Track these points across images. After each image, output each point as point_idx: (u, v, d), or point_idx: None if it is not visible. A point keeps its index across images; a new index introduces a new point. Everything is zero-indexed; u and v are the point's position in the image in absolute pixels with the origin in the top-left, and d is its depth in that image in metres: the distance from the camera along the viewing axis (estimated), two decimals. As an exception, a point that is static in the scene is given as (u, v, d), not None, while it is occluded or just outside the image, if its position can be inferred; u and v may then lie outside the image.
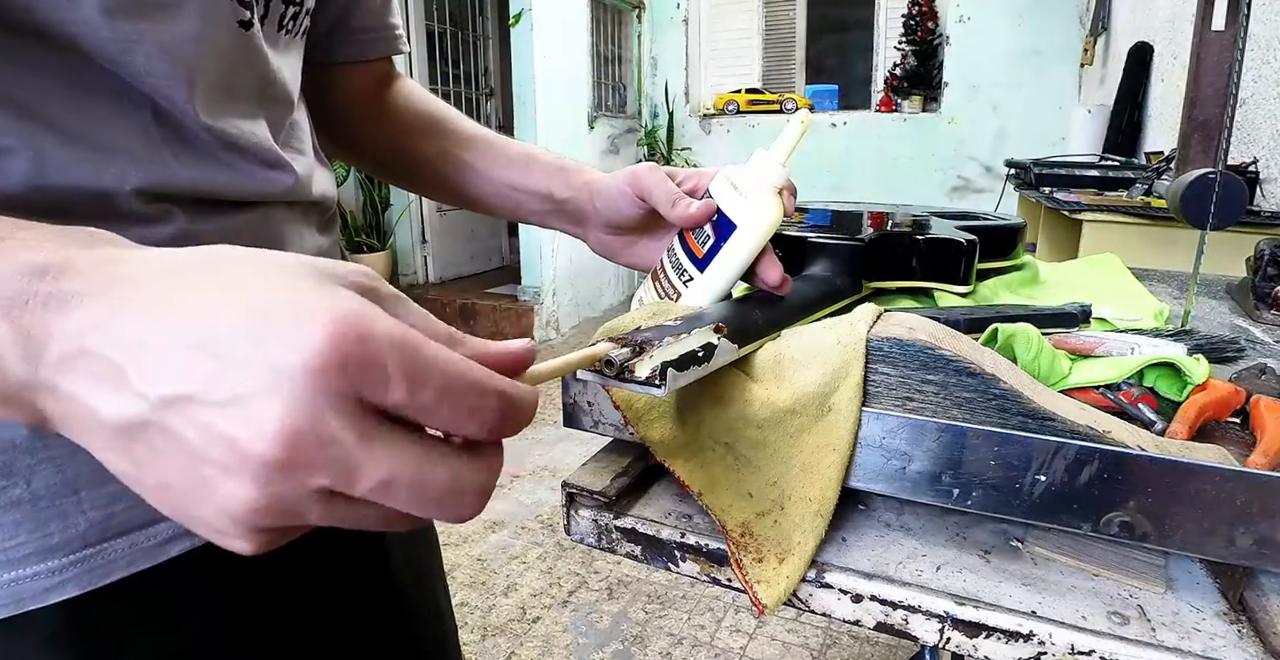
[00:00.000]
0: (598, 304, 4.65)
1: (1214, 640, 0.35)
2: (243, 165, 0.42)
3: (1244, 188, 0.83)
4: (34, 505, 0.35)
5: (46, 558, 0.35)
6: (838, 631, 1.74)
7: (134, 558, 0.37)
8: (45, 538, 0.35)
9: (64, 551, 0.35)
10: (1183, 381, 0.52)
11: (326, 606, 0.51)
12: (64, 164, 0.34)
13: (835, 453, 0.42)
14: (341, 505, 0.22)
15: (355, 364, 0.20)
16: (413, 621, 0.59)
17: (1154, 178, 1.76)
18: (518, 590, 1.90)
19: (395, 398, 0.21)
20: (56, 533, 0.35)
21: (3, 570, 0.34)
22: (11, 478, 0.34)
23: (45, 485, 0.35)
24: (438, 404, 0.21)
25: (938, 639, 0.38)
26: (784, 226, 0.76)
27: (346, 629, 0.53)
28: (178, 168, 0.38)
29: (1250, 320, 0.82)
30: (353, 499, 0.21)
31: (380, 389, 0.20)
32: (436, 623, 0.63)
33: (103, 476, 0.36)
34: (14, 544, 0.34)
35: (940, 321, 0.46)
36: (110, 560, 0.37)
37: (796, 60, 5.13)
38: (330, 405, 0.20)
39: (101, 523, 0.36)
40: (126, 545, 0.37)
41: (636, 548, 0.45)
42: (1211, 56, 0.81)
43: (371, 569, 0.55)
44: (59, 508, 0.35)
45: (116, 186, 0.36)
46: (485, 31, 4.77)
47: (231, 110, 0.41)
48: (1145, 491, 0.36)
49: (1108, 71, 3.43)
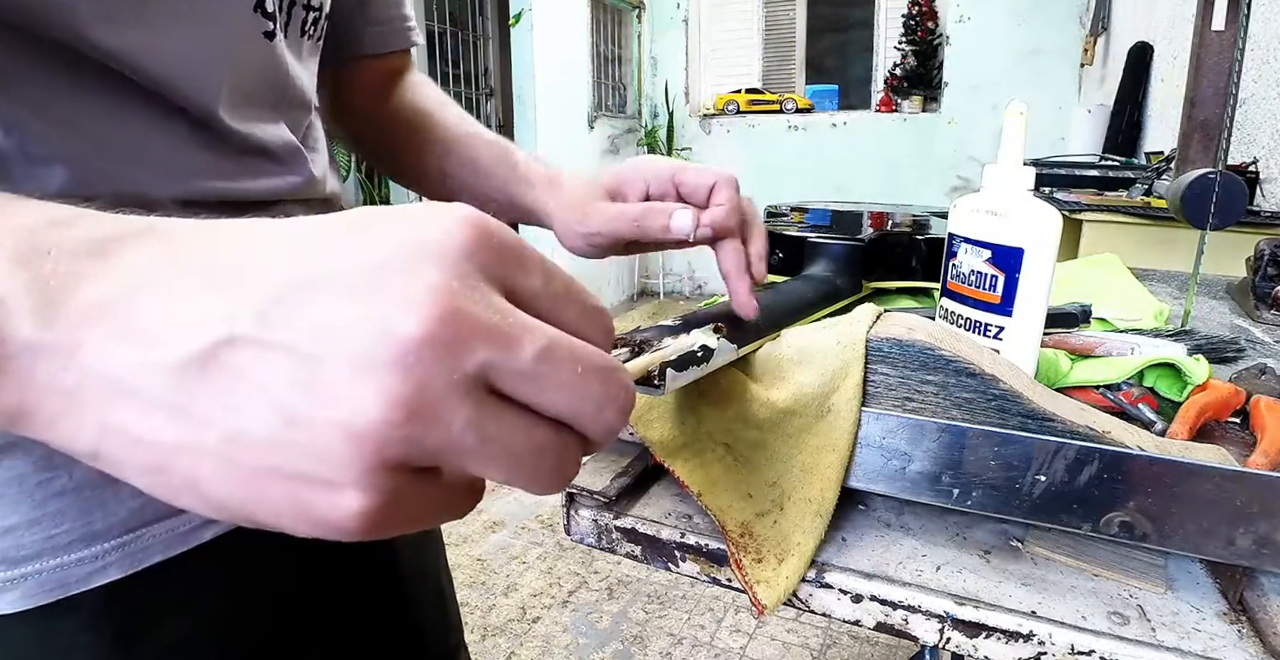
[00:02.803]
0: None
1: (1214, 640, 0.35)
2: (267, 167, 0.43)
3: (1244, 188, 0.83)
4: (77, 495, 0.36)
5: (90, 544, 0.36)
6: (838, 631, 1.74)
7: (170, 542, 0.39)
8: (88, 525, 0.36)
9: (106, 537, 0.37)
10: (1183, 382, 0.52)
11: (340, 592, 0.52)
12: (103, 173, 0.35)
13: (835, 453, 0.42)
14: (491, 416, 0.18)
15: (496, 243, 0.19)
16: (418, 619, 0.60)
17: (1154, 178, 1.75)
18: (518, 590, 1.90)
19: (533, 282, 0.20)
20: (99, 520, 0.36)
21: (50, 556, 0.36)
22: (55, 470, 0.35)
23: (85, 476, 0.36)
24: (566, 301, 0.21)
25: (938, 639, 0.38)
26: (784, 227, 0.76)
27: (357, 615, 0.54)
28: (211, 173, 0.40)
29: (1250, 320, 0.82)
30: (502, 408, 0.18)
31: (518, 269, 0.19)
32: (441, 620, 0.63)
33: None
34: (60, 531, 0.36)
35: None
36: (148, 545, 0.38)
37: (796, 60, 5.13)
38: (482, 276, 0.18)
39: (140, 509, 0.38)
40: (163, 530, 0.39)
41: (636, 548, 0.45)
42: (1211, 56, 0.81)
43: (381, 556, 0.56)
44: (100, 497, 0.36)
45: (155, 194, 0.37)
46: (485, 31, 4.77)
47: (254, 115, 0.42)
48: (1145, 492, 0.36)
49: (1108, 71, 3.43)
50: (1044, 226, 0.45)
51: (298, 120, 0.47)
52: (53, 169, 0.33)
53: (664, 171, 0.46)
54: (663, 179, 0.46)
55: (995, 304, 0.46)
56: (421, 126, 0.60)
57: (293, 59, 0.45)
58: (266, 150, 0.43)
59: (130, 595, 0.38)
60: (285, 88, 0.45)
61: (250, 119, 0.42)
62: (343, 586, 0.52)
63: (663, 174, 0.46)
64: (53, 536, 0.36)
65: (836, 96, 5.07)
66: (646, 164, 0.48)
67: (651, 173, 0.47)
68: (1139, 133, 2.80)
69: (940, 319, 0.51)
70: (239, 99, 0.40)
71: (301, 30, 0.46)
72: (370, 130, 0.62)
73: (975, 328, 0.48)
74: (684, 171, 0.46)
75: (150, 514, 0.38)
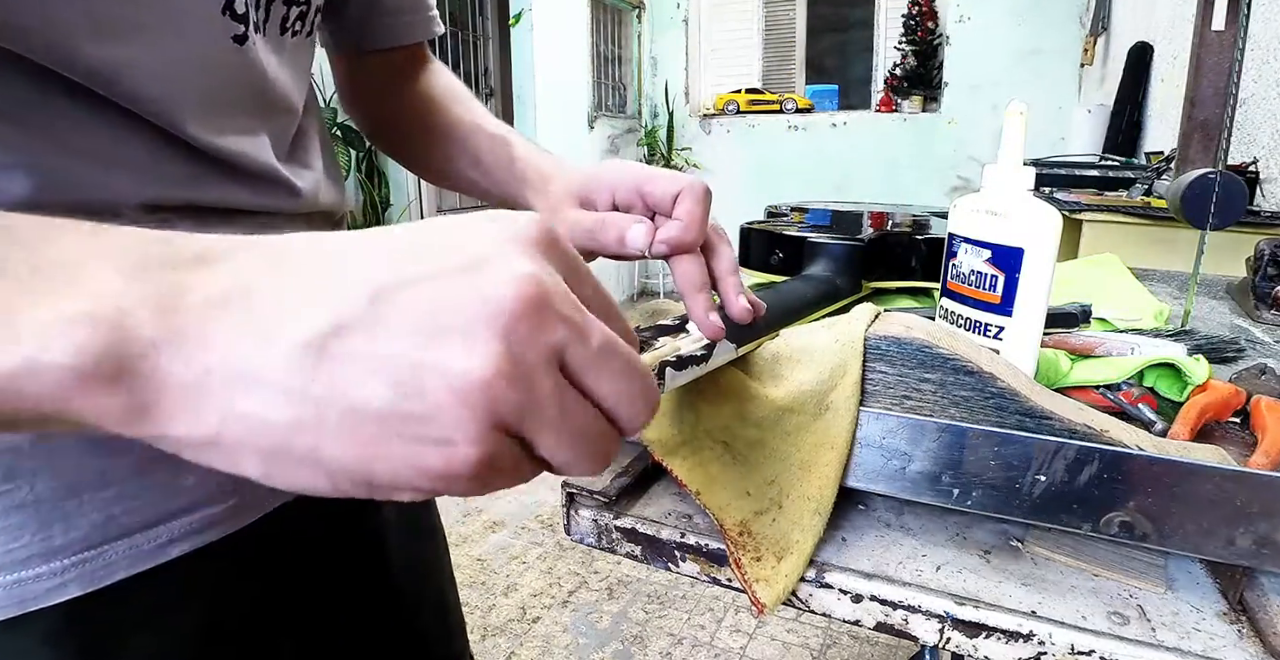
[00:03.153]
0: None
1: (1214, 640, 0.35)
2: (244, 183, 0.42)
3: (1244, 188, 0.83)
4: (37, 508, 0.35)
5: (49, 559, 0.35)
6: (838, 631, 1.74)
7: (135, 559, 0.38)
8: (48, 540, 0.35)
9: (66, 553, 0.36)
10: (1183, 382, 0.52)
11: (325, 606, 0.51)
12: (67, 181, 0.34)
13: (833, 451, 0.42)
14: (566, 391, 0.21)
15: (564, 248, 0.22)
16: (417, 618, 0.59)
17: (1154, 178, 1.75)
18: (518, 590, 1.90)
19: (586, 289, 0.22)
20: (59, 535, 0.35)
21: (7, 572, 0.34)
22: (15, 481, 0.34)
23: (48, 488, 0.35)
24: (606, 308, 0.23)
25: (938, 639, 0.38)
26: (784, 227, 0.76)
27: (347, 627, 0.53)
28: (181, 183, 0.38)
29: (1250, 320, 0.82)
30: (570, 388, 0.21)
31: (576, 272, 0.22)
32: (442, 618, 0.63)
33: (104, 480, 0.36)
34: (18, 546, 0.35)
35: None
36: (111, 562, 0.37)
37: (796, 60, 5.13)
38: (557, 269, 0.21)
39: (103, 525, 0.36)
40: (127, 547, 0.37)
41: (636, 548, 0.45)
42: (1211, 56, 0.81)
43: (371, 568, 0.55)
44: (61, 510, 0.35)
45: (121, 201, 0.36)
46: (485, 31, 4.77)
47: (229, 127, 0.40)
48: (1145, 492, 0.36)
49: (1108, 71, 3.43)
50: (1044, 226, 0.45)
51: (283, 127, 0.46)
52: (12, 177, 0.32)
53: (630, 180, 0.43)
54: (628, 188, 0.43)
55: (995, 304, 0.46)
56: (431, 119, 0.59)
57: (273, 61, 0.43)
58: (243, 166, 0.41)
59: (92, 612, 0.37)
60: (263, 92, 0.43)
61: (225, 131, 0.40)
62: (331, 601, 0.51)
63: (628, 182, 0.43)
64: (10, 551, 0.34)
65: (836, 96, 5.07)
66: (614, 171, 0.44)
67: (618, 180, 0.44)
68: (1139, 133, 2.80)
69: (940, 319, 0.51)
70: (211, 109, 0.39)
71: (283, 28, 0.44)
72: (384, 119, 0.62)
73: (975, 328, 0.48)
74: (650, 181, 0.42)
75: (113, 530, 0.37)
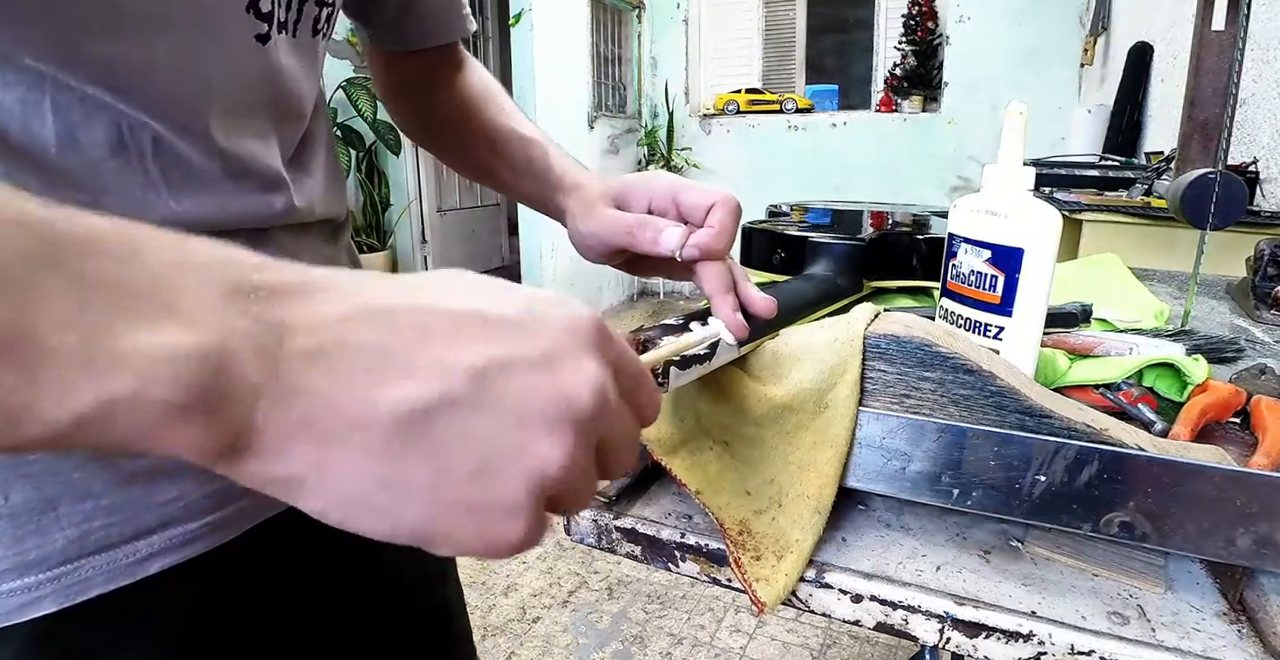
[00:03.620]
0: (598, 303, 4.65)
1: (1214, 640, 0.35)
2: (243, 193, 0.41)
3: (1244, 188, 0.83)
4: (12, 521, 0.34)
5: (23, 574, 0.35)
6: (838, 631, 1.74)
7: (112, 575, 0.37)
8: (22, 554, 0.34)
9: (41, 568, 0.35)
10: (1182, 382, 0.52)
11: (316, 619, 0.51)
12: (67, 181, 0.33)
13: (833, 449, 0.42)
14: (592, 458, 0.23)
15: (608, 333, 0.24)
16: (421, 622, 0.59)
17: (1154, 178, 1.75)
18: (518, 590, 1.90)
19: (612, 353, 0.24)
20: (34, 549, 0.35)
21: None
22: None
23: (23, 501, 0.34)
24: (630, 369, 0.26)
25: (938, 639, 0.38)
26: (785, 226, 0.76)
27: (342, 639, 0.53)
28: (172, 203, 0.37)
29: (1250, 320, 0.82)
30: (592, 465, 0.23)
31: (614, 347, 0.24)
32: (447, 634, 0.62)
33: (81, 493, 0.36)
34: None
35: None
36: (87, 577, 0.36)
37: (796, 60, 5.13)
38: (608, 360, 0.23)
39: (79, 539, 0.36)
40: (104, 562, 0.37)
41: (636, 548, 0.45)
42: (1211, 56, 0.81)
43: (365, 576, 0.54)
44: (37, 524, 0.35)
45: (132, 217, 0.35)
46: (485, 31, 4.77)
47: (246, 129, 0.40)
48: (1145, 492, 0.36)
49: (1108, 71, 3.43)
50: (1044, 226, 0.45)
51: (291, 133, 0.45)
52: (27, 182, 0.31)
53: (666, 188, 0.47)
54: (664, 195, 0.47)
55: (995, 304, 0.46)
56: (468, 124, 0.60)
57: (291, 62, 0.42)
58: (249, 170, 0.41)
59: (67, 629, 0.36)
60: (281, 98, 0.43)
61: (242, 133, 0.40)
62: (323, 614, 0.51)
63: (665, 190, 0.47)
64: None
65: (836, 96, 5.07)
66: (652, 179, 0.49)
67: (655, 188, 0.48)
68: (1139, 133, 2.80)
69: (940, 319, 0.51)
70: (232, 110, 0.38)
71: (314, 29, 0.44)
72: (422, 119, 0.63)
73: (975, 328, 0.48)
74: (686, 190, 0.46)
75: (91, 545, 0.36)
